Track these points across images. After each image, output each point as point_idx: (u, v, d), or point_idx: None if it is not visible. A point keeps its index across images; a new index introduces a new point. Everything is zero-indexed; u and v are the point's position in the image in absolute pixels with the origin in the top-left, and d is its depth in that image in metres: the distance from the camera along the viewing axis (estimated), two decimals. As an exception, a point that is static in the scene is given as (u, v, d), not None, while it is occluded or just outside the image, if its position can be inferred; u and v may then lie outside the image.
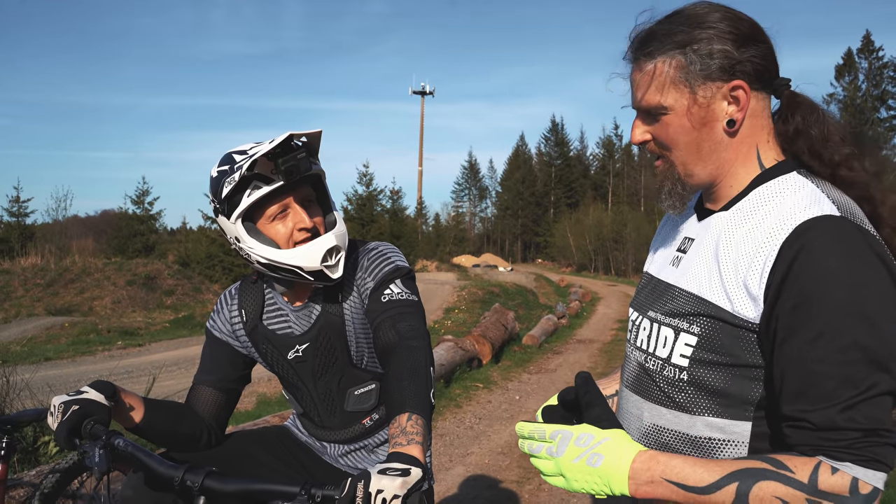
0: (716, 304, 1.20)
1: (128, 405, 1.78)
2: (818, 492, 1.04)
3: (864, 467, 1.05)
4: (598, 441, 1.16)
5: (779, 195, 1.21)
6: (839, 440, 1.06)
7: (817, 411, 1.07)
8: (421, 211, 65.31)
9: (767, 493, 1.05)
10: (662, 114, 1.26)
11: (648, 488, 1.13)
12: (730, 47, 1.20)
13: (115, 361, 10.97)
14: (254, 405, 8.13)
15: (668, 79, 1.24)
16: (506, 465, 5.79)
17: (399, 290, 1.86)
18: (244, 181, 1.78)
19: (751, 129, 1.25)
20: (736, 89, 1.21)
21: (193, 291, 22.60)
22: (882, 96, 50.09)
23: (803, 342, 1.08)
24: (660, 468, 1.12)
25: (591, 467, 1.14)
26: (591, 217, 62.51)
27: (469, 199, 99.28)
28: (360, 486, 1.26)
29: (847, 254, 1.08)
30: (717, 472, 1.09)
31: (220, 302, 2.08)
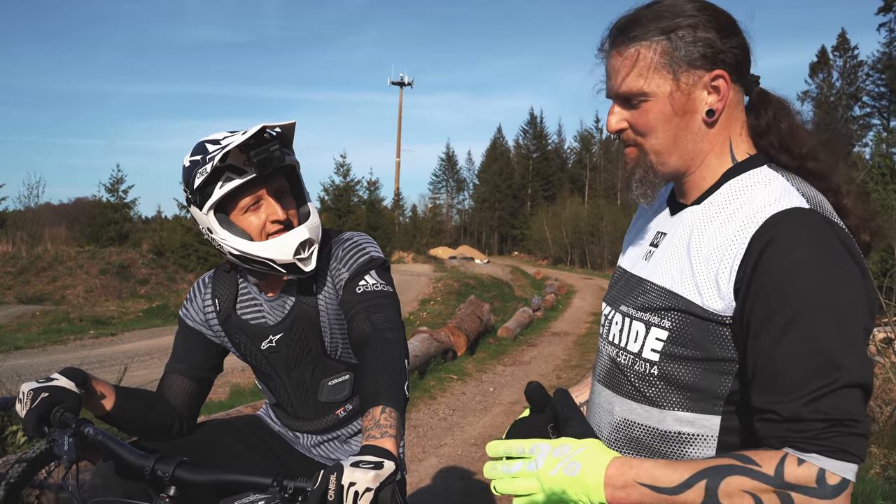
0: (687, 298, 1.20)
1: (99, 393, 1.76)
2: (785, 483, 1.04)
3: (831, 458, 1.05)
4: (575, 450, 1.16)
5: (750, 189, 1.22)
6: (804, 431, 1.06)
7: (784, 403, 1.07)
8: (398, 202, 65.19)
9: (735, 488, 1.06)
10: (642, 100, 1.24)
11: (623, 493, 1.13)
12: (713, 36, 1.20)
13: (87, 351, 10.86)
14: (227, 395, 8.09)
15: (652, 64, 1.22)
16: (478, 457, 5.82)
17: (374, 282, 1.86)
18: (216, 172, 1.76)
19: (727, 121, 1.26)
20: (717, 79, 1.22)
21: (168, 281, 22.38)
22: (856, 94, 50.69)
23: (773, 334, 1.09)
24: (633, 472, 1.13)
25: (568, 476, 1.14)
26: (568, 210, 62.73)
27: (446, 190, 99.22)
28: (333, 478, 1.26)
29: (816, 245, 1.09)
30: (686, 471, 1.10)
31: (194, 290, 2.07)
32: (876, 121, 50.06)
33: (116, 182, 35.08)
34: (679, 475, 1.10)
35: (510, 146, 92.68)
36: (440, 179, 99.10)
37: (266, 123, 1.75)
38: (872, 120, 50.50)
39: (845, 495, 1.06)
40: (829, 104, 50.16)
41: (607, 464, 1.14)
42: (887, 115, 49.42)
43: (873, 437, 5.61)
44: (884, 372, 7.61)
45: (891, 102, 48.61)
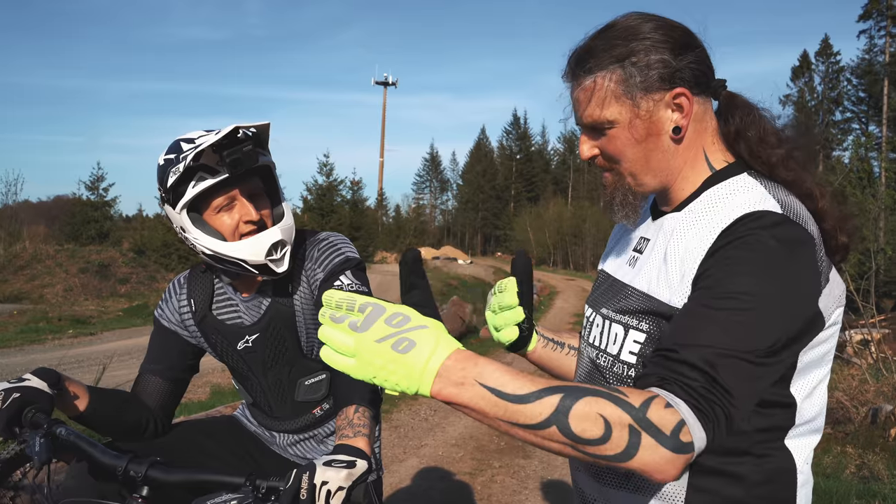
0: (662, 300, 1.21)
1: (72, 393, 1.75)
2: (645, 419, 0.96)
3: (696, 416, 0.99)
4: (415, 326, 0.98)
5: (729, 196, 1.23)
6: (689, 378, 1.01)
7: (685, 347, 1.04)
8: (381, 202, 65.10)
9: (593, 410, 0.96)
10: (608, 128, 1.26)
11: (455, 390, 0.96)
12: (667, 56, 1.21)
13: (66, 350, 10.76)
14: (208, 395, 8.05)
15: (610, 93, 1.24)
16: (459, 457, 5.83)
17: (349, 282, 1.86)
18: (189, 172, 1.76)
19: (696, 134, 1.27)
20: (678, 97, 1.23)
21: (148, 280, 22.22)
22: (837, 99, 51.21)
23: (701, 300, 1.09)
24: (476, 370, 0.97)
25: (395, 352, 0.96)
26: (551, 211, 62.99)
27: (430, 191, 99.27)
28: (305, 477, 1.27)
29: (775, 246, 1.10)
30: (541, 384, 0.98)
31: (169, 291, 2.06)
32: (856, 125, 50.62)
33: (97, 180, 34.78)
34: (531, 385, 0.97)
35: (494, 147, 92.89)
36: (424, 180, 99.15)
37: (239, 124, 1.75)
38: (852, 125, 51.05)
39: (685, 459, 0.98)
40: (809, 108, 50.61)
41: (449, 353, 0.98)
42: (866, 120, 49.96)
43: (848, 437, 5.68)
44: (860, 373, 7.70)
45: (869, 108, 49.15)
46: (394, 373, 0.97)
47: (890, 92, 43.17)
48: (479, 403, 0.97)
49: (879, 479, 4.76)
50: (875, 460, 5.07)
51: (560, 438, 0.97)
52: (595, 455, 0.97)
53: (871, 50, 46.93)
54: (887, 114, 42.29)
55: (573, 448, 0.98)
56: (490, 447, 6.14)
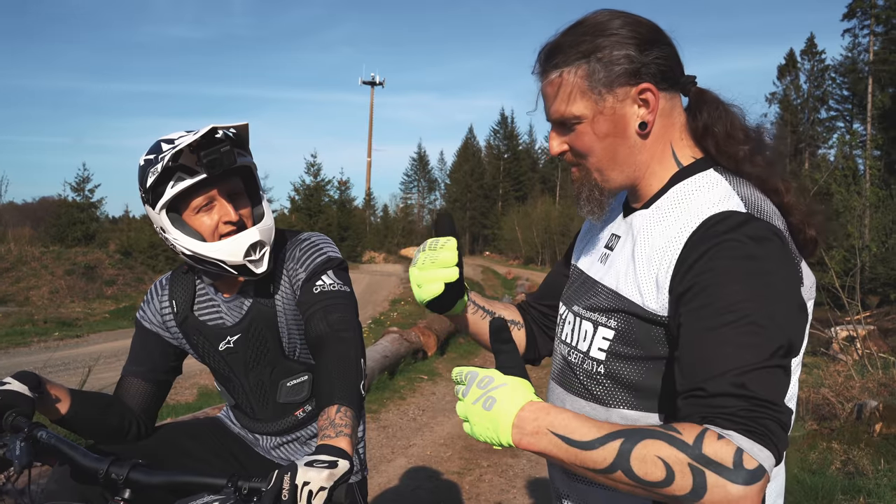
0: (630, 299, 1.22)
1: (53, 396, 1.74)
2: (702, 456, 0.98)
3: (751, 439, 1.00)
4: (497, 385, 1.13)
5: (694, 193, 1.24)
6: (727, 407, 1.02)
7: (710, 380, 1.05)
8: (369, 202, 65.09)
9: (651, 452, 1.00)
10: (575, 123, 1.27)
11: (532, 439, 1.09)
12: (633, 51, 1.23)
13: (52, 353, 10.68)
14: (195, 397, 8.02)
15: (576, 88, 1.25)
16: (447, 457, 5.83)
17: (331, 282, 1.86)
18: (168, 172, 1.76)
19: (663, 129, 1.28)
20: (644, 92, 1.24)
21: (135, 281, 22.10)
22: (823, 97, 51.53)
23: (701, 326, 1.09)
24: (548, 419, 1.09)
25: (484, 410, 1.12)
26: (539, 210, 63.00)
27: (418, 190, 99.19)
28: (287, 478, 1.27)
29: (746, 249, 1.11)
30: (605, 429, 1.06)
31: (151, 292, 2.05)
32: (840, 124, 50.96)
33: (82, 181, 34.58)
34: (596, 431, 1.06)
35: (481, 146, 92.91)
36: (412, 179, 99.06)
37: (217, 124, 1.75)
38: (837, 123, 51.39)
39: (759, 488, 0.98)
40: (795, 106, 50.92)
41: (523, 405, 1.10)
42: (850, 118, 50.31)
43: (834, 433, 5.72)
44: (846, 369, 7.75)
45: (854, 106, 49.49)
46: (487, 428, 1.12)
47: (874, 90, 43.47)
48: (554, 451, 1.08)
49: (864, 475, 4.80)
50: (860, 456, 5.10)
51: (627, 481, 1.03)
52: (666, 496, 1.02)
53: (856, 48, 47.26)
54: (871, 112, 42.57)
55: (643, 489, 1.03)
56: (478, 446, 6.14)
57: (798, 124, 50.19)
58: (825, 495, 4.42)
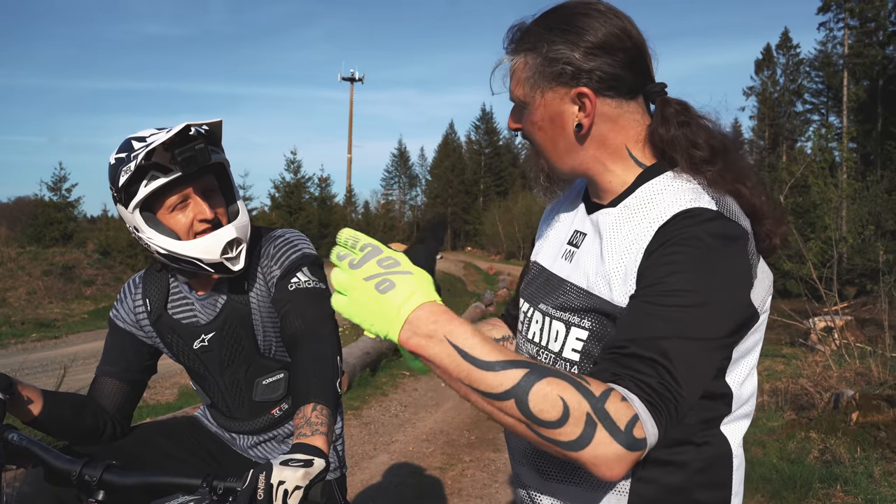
0: (603, 298, 1.21)
1: (25, 398, 1.71)
2: (602, 410, 0.95)
3: (649, 412, 0.98)
4: (402, 271, 1.00)
5: (663, 192, 1.23)
6: (641, 372, 1.01)
7: (635, 341, 1.04)
8: (350, 199, 64.94)
9: (554, 391, 0.95)
10: (524, 107, 1.31)
11: (423, 341, 0.97)
12: (578, 55, 1.22)
13: (29, 354, 10.57)
14: (175, 397, 7.97)
15: (524, 76, 1.28)
16: (430, 452, 5.83)
17: (306, 279, 1.85)
18: (141, 171, 1.74)
19: (612, 133, 1.27)
20: (581, 96, 1.24)
21: (114, 281, 21.88)
22: (798, 91, 51.98)
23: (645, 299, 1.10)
24: (448, 326, 0.97)
25: (376, 291, 0.97)
26: (520, 205, 63.10)
27: (399, 186, 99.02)
28: (262, 477, 1.26)
29: (711, 241, 1.11)
30: (510, 356, 0.98)
31: (124, 291, 2.03)
32: (816, 117, 51.42)
33: (59, 180, 34.18)
34: (499, 354, 0.97)
35: (462, 142, 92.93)
36: (392, 175, 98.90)
37: (191, 122, 1.73)
38: (813, 116, 51.85)
39: (634, 458, 0.97)
40: (772, 100, 51.35)
41: (423, 302, 0.98)
42: (826, 111, 50.80)
43: (812, 423, 5.78)
44: (824, 359, 7.84)
45: (829, 99, 49.97)
46: (372, 312, 0.98)
47: (849, 83, 43.94)
48: (444, 360, 0.98)
49: (841, 463, 4.85)
50: (837, 444, 5.16)
51: (516, 413, 0.96)
52: (546, 438, 0.96)
53: (830, 42, 47.71)
54: (847, 104, 43.04)
55: (526, 426, 0.97)
56: (460, 441, 6.15)
57: (776, 118, 50.63)
58: (803, 484, 4.47)
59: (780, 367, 8.41)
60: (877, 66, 43.02)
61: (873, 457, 4.91)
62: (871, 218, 17.80)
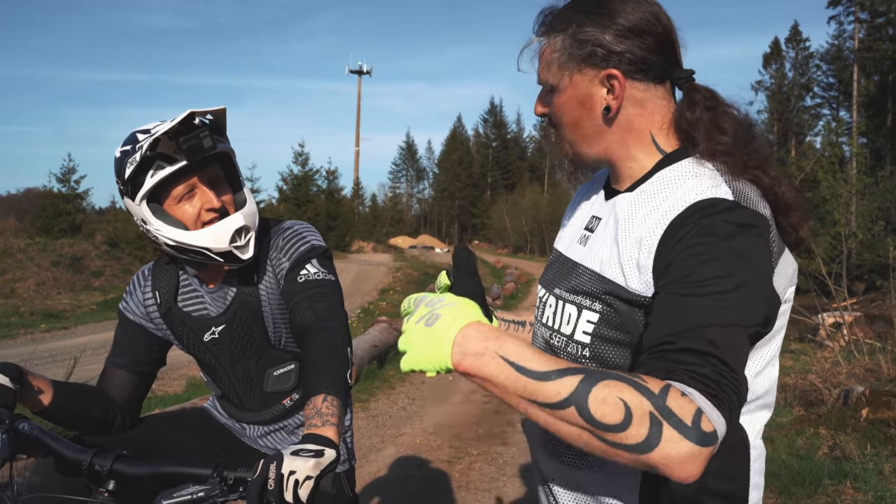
0: (614, 281, 1.21)
1: (35, 388, 1.71)
2: (665, 407, 0.93)
3: (712, 403, 0.96)
4: (446, 304, 1.05)
5: (680, 178, 1.23)
6: (695, 365, 0.99)
7: (680, 334, 1.02)
8: (357, 192, 65.00)
9: (613, 393, 0.94)
10: (553, 91, 1.31)
11: (476, 360, 0.99)
12: (609, 37, 1.23)
13: (38, 345, 10.62)
14: (183, 388, 8.00)
15: (554, 59, 1.28)
16: (437, 445, 5.83)
17: (315, 270, 1.84)
18: (146, 161, 1.73)
19: (638, 117, 1.27)
20: (611, 78, 1.24)
21: (122, 273, 21.99)
22: (807, 84, 51.73)
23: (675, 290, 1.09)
24: (497, 342, 1.00)
25: (425, 328, 1.02)
26: (528, 199, 63.13)
27: (406, 180, 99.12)
28: (273, 467, 1.26)
29: (730, 234, 1.11)
30: (562, 363, 0.99)
31: (133, 283, 2.02)
32: (826, 111, 51.19)
33: (68, 172, 34.25)
34: (552, 364, 0.98)
35: (469, 135, 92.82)
36: (400, 169, 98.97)
37: (194, 109, 1.72)
38: (823, 110, 51.62)
39: (708, 452, 0.94)
40: (781, 94, 51.11)
41: (468, 322, 1.01)
42: (836, 105, 50.54)
43: (821, 419, 5.76)
44: (833, 355, 7.81)
45: (840, 93, 49.70)
46: (425, 348, 1.01)
47: (859, 77, 43.67)
48: (500, 377, 0.98)
49: (851, 460, 4.83)
50: (846, 441, 5.14)
51: (577, 420, 0.95)
52: (612, 443, 0.95)
53: (841, 36, 47.43)
54: (857, 99, 42.79)
55: (591, 434, 0.96)
56: (468, 435, 6.15)
57: (784, 112, 50.39)
58: (812, 480, 4.45)
59: (790, 363, 8.38)
60: (887, 61, 42.76)
61: (883, 453, 4.88)
62: (880, 213, 17.73)
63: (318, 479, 1.26)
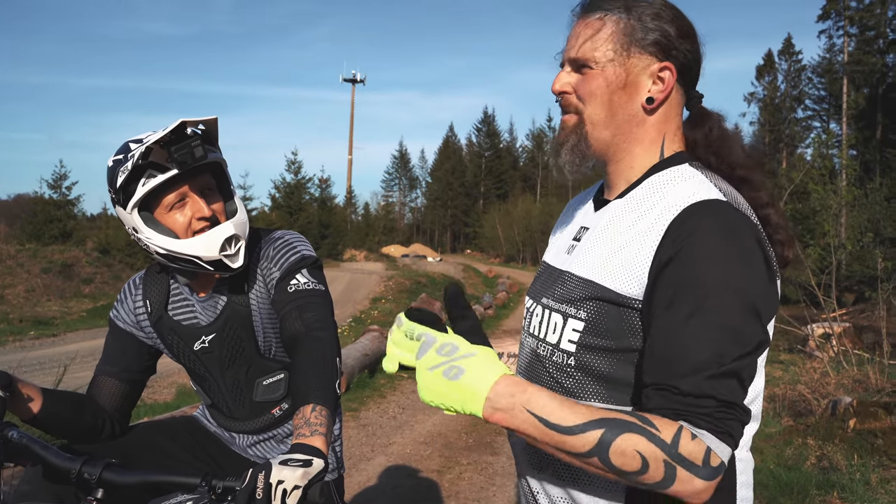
0: (602, 284, 1.22)
1: (25, 396, 1.72)
2: (677, 455, 1.04)
3: (719, 439, 1.07)
4: (463, 354, 1.10)
5: (670, 183, 1.25)
6: (701, 407, 1.07)
7: (684, 378, 1.08)
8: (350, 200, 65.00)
9: (630, 446, 1.04)
10: (590, 68, 1.28)
11: (505, 415, 1.08)
12: (672, 31, 1.26)
13: (27, 352, 10.57)
14: (173, 396, 7.97)
15: (610, 36, 1.27)
16: (427, 455, 5.83)
17: (305, 280, 1.85)
18: (138, 170, 1.75)
19: (664, 117, 1.30)
20: (664, 70, 1.26)
21: (113, 279, 21.90)
22: (799, 97, 52.02)
23: (678, 315, 1.11)
24: (524, 397, 1.07)
25: (448, 380, 1.08)
26: (520, 208, 63.18)
27: (399, 188, 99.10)
28: (261, 476, 1.26)
29: (728, 235, 1.13)
30: (585, 415, 1.07)
31: (124, 292, 2.03)
32: (817, 123, 51.48)
33: (60, 178, 34.22)
34: (575, 417, 1.07)
35: (463, 144, 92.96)
36: (393, 177, 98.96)
37: (186, 119, 1.74)
38: (814, 122, 51.91)
39: (716, 482, 1.07)
40: (774, 106, 51.37)
41: (497, 378, 1.08)
42: (826, 117, 50.82)
43: (809, 429, 5.79)
44: (822, 366, 7.84)
45: (830, 106, 49.99)
46: (447, 397, 1.09)
47: (849, 90, 43.95)
48: (529, 429, 1.08)
49: (838, 470, 4.85)
50: (834, 451, 5.16)
51: (600, 466, 1.07)
52: (633, 482, 1.07)
53: (831, 49, 47.75)
54: (847, 112, 43.04)
55: (614, 475, 1.07)
56: (458, 444, 6.15)
57: (776, 124, 50.66)
58: (800, 490, 4.47)
59: (778, 374, 8.42)
60: (877, 74, 43.08)
61: (870, 464, 4.91)
62: (870, 225, 17.80)
63: (307, 489, 1.27)
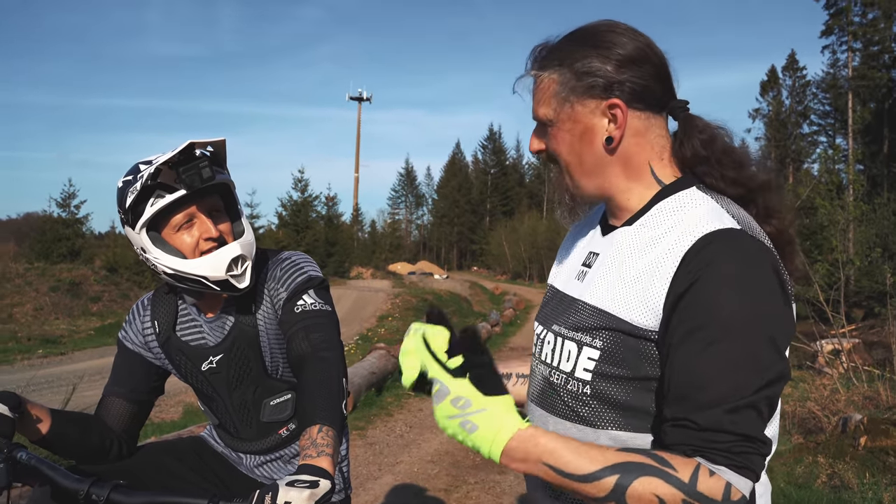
0: (618, 316, 1.21)
1: (34, 416, 1.72)
2: (696, 493, 1.05)
3: (738, 474, 1.07)
4: (476, 410, 1.15)
5: (680, 210, 1.24)
6: (720, 442, 1.07)
7: (702, 412, 1.08)
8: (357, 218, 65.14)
9: (647, 490, 1.05)
10: (549, 125, 1.30)
11: (523, 465, 1.13)
12: (610, 67, 1.24)
13: (35, 371, 10.58)
14: (180, 415, 7.96)
15: (549, 92, 1.28)
16: (434, 473, 5.81)
17: (312, 301, 1.86)
18: (146, 190, 1.77)
19: (638, 147, 1.28)
20: (613, 108, 1.25)
21: (121, 298, 21.96)
22: (804, 112, 52.05)
23: (696, 348, 1.10)
24: (537, 451, 1.12)
25: (464, 431, 1.15)
26: (527, 225, 63.13)
27: (405, 206, 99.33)
28: (268, 498, 1.27)
29: (744, 265, 1.12)
30: (599, 462, 1.09)
31: (133, 312, 2.04)
32: (823, 138, 51.45)
33: (68, 197, 34.31)
34: (590, 464, 1.09)
35: (468, 161, 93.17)
36: (399, 195, 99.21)
37: (195, 140, 1.77)
38: (820, 137, 51.90)
39: None
40: (779, 121, 51.41)
41: (510, 436, 1.13)
42: (832, 132, 50.81)
43: (820, 447, 5.74)
44: (832, 383, 7.79)
45: (836, 121, 49.99)
46: (466, 442, 1.16)
47: (854, 105, 43.96)
48: (547, 478, 1.12)
49: (850, 488, 4.81)
50: (845, 469, 5.12)
51: None
52: None
53: (835, 65, 47.80)
54: (853, 127, 43.02)
55: None
56: (465, 463, 6.12)
57: (782, 139, 50.66)
58: (811, 509, 4.43)
59: (788, 391, 8.35)
60: (882, 89, 43.06)
61: (882, 482, 4.87)
62: (878, 240, 17.76)
63: None
